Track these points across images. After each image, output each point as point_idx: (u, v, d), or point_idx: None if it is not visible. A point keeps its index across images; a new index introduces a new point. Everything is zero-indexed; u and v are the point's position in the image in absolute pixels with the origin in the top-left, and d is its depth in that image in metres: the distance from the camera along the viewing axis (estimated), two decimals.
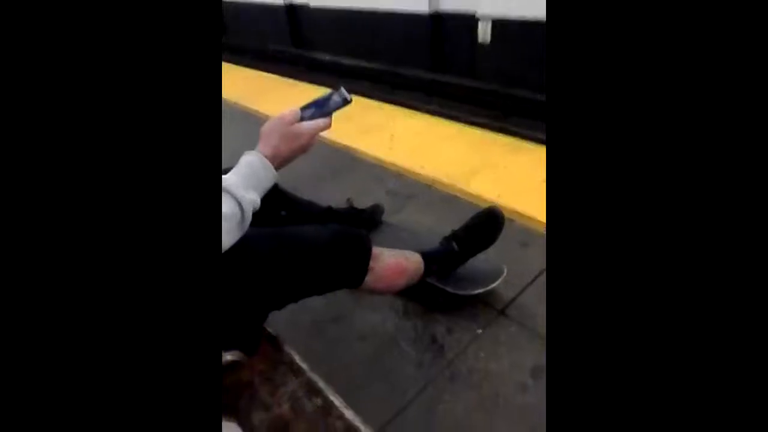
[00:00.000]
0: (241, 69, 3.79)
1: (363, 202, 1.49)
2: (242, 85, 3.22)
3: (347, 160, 2.03)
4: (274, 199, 1.11)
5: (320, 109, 0.77)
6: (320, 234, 0.81)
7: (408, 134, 2.19)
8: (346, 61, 4.40)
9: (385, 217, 1.51)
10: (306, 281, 0.78)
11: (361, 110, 2.55)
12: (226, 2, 6.13)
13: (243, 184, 0.66)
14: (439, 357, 1.06)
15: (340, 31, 4.50)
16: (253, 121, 2.56)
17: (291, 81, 3.29)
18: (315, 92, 0.77)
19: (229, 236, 0.64)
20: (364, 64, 4.23)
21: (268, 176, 0.70)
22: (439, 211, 1.60)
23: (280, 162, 0.72)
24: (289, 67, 4.81)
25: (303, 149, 0.74)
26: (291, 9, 5.02)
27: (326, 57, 4.61)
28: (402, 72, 3.90)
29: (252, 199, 0.66)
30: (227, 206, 0.63)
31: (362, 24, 4.19)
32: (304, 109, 0.77)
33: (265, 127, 0.73)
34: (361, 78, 4.28)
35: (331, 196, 1.53)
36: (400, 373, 1.03)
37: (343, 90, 0.79)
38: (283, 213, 1.13)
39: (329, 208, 1.31)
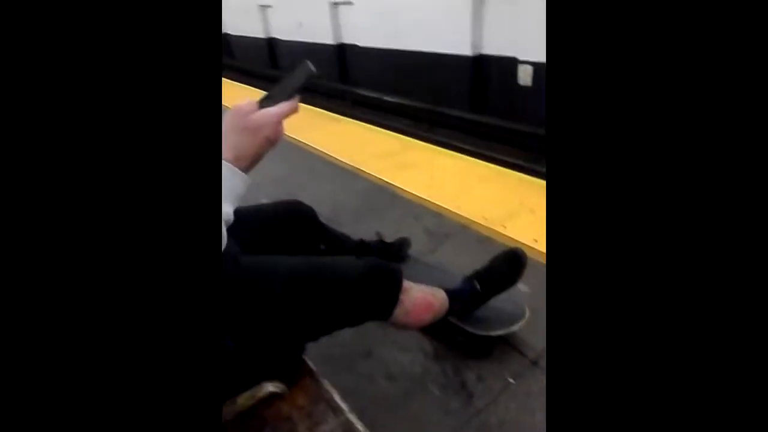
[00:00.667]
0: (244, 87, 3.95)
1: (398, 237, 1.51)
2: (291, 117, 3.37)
3: (387, 197, 2.07)
4: (315, 232, 1.15)
5: (282, 91, 0.66)
6: (354, 265, 0.82)
7: (447, 173, 2.22)
8: (390, 98, 4.53)
9: (420, 255, 1.52)
10: (339, 312, 0.80)
11: (402, 148, 2.61)
12: (281, 40, 6.54)
13: None
14: (469, 405, 1.04)
15: (385, 69, 4.67)
16: (298, 152, 2.66)
17: (336, 115, 3.42)
18: (357, 127, 0.77)
19: None
20: (406, 102, 4.35)
21: (235, 182, 0.60)
22: (475, 252, 1.59)
23: (247, 163, 0.61)
24: (335, 102, 5.01)
25: (270, 141, 0.63)
26: (341, 48, 5.29)
27: (370, 94, 4.78)
28: (443, 111, 3.98)
29: (225, 212, 0.58)
30: None
31: (407, 64, 4.34)
32: (264, 99, 0.66)
33: (223, 127, 0.62)
34: (404, 116, 4.39)
35: (369, 232, 1.56)
36: (427, 418, 1.02)
37: (307, 63, 0.67)
38: (322, 247, 1.16)
39: (361, 241, 1.33)
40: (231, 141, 0.60)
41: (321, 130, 3.05)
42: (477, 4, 3.52)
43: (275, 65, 6.87)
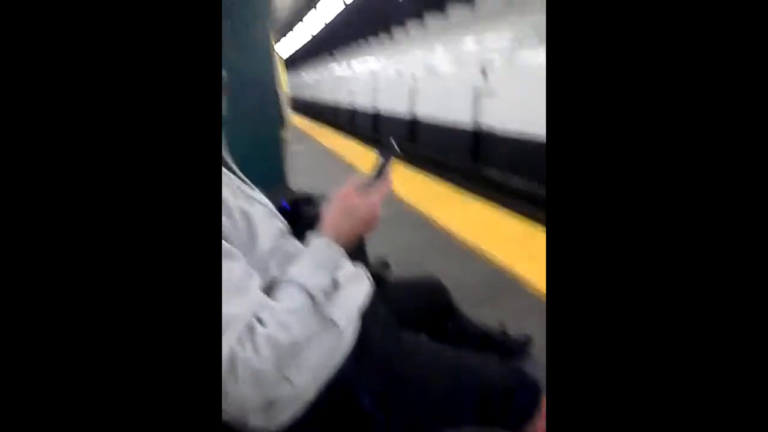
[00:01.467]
0: (423, 176, 4.17)
1: (520, 332, 1.42)
2: (420, 190, 3.53)
3: (509, 284, 1.99)
4: (443, 310, 1.14)
5: (376, 174, 0.69)
6: (500, 374, 0.79)
7: None
8: (520, 183, 4.50)
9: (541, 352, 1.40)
10: (474, 412, 0.76)
11: (528, 235, 2.53)
12: (424, 119, 7.19)
13: (306, 269, 0.62)
14: None
15: (518, 155, 4.69)
16: (424, 224, 2.74)
17: (465, 192, 3.49)
18: (484, 207, 0.77)
19: (304, 326, 0.59)
20: (536, 188, 4.27)
21: (332, 252, 0.64)
22: None
23: (344, 240, 0.66)
24: (465, 180, 5.15)
25: (365, 221, 0.67)
26: (477, 132, 5.53)
27: (501, 177, 4.81)
28: None
29: (318, 282, 0.61)
30: (292, 298, 0.60)
31: (540, 151, 4.31)
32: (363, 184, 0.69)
33: (323, 210, 0.68)
34: (533, 202, 4.29)
35: (487, 318, 1.50)
36: None
37: (391, 141, 0.70)
38: (449, 325, 1.14)
39: (486, 335, 1.28)
40: (330, 221, 0.66)
41: (452, 204, 3.12)
42: None
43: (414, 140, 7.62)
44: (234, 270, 0.57)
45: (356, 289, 0.73)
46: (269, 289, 0.62)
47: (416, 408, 0.72)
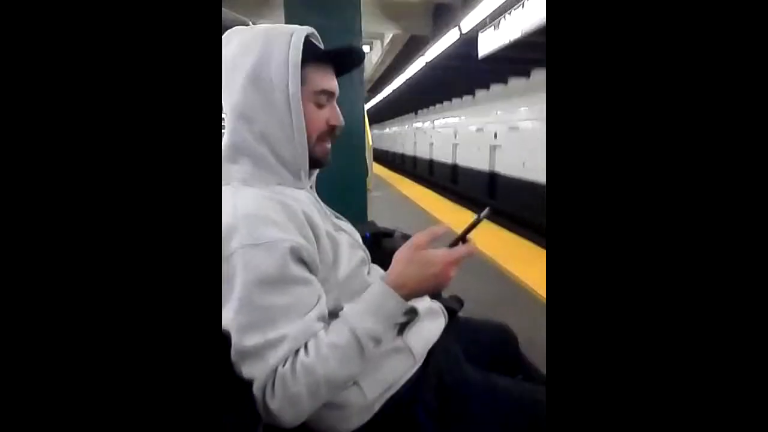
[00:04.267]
0: (501, 230, 4.16)
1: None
2: (498, 245, 3.51)
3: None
4: (510, 356, 1.13)
5: (461, 237, 0.67)
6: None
7: None
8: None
9: None
10: None
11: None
12: (462, 165, 8.33)
13: (360, 312, 0.62)
14: None
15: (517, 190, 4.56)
16: (499, 277, 2.71)
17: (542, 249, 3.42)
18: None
19: (343, 366, 0.60)
20: None
21: (389, 303, 0.62)
22: None
23: (407, 291, 0.63)
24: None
25: (437, 279, 0.64)
26: (492, 173, 5.57)
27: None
28: None
29: (369, 328, 0.61)
30: (339, 335, 0.61)
31: (540, 191, 4.24)
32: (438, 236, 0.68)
33: (396, 253, 0.66)
34: None
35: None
36: None
37: (486, 211, 0.69)
38: (520, 377, 1.12)
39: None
40: (398, 268, 0.65)
41: (526, 261, 3.05)
42: None
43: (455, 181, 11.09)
44: (303, 294, 0.62)
45: (432, 323, 0.79)
46: (334, 316, 0.66)
47: (470, 428, 0.73)
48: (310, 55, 0.69)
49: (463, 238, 0.67)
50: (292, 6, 1.76)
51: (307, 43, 0.69)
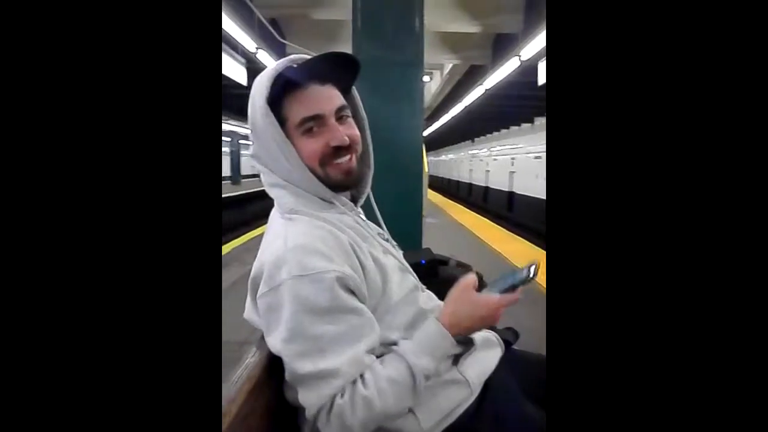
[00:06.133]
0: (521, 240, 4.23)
1: None
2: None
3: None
4: None
5: (506, 282, 0.71)
6: None
7: None
8: None
9: None
10: None
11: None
12: (492, 186, 8.63)
13: (416, 349, 0.64)
14: None
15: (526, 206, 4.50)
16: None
17: None
18: None
19: (399, 401, 0.62)
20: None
21: (444, 343, 0.66)
22: None
23: (459, 330, 0.67)
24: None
25: (485, 321, 0.68)
26: (510, 193, 5.26)
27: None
28: None
29: (425, 365, 0.63)
30: (397, 371, 0.63)
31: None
32: (492, 283, 0.72)
33: (449, 294, 0.70)
34: None
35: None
36: None
37: (534, 265, 0.71)
38: None
39: None
40: (451, 307, 0.68)
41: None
42: None
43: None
44: (353, 323, 0.63)
45: (488, 352, 0.79)
46: (387, 345, 0.67)
47: None
48: (290, 85, 0.68)
49: (513, 288, 0.70)
50: (358, 39, 1.85)
51: (288, 72, 0.68)
